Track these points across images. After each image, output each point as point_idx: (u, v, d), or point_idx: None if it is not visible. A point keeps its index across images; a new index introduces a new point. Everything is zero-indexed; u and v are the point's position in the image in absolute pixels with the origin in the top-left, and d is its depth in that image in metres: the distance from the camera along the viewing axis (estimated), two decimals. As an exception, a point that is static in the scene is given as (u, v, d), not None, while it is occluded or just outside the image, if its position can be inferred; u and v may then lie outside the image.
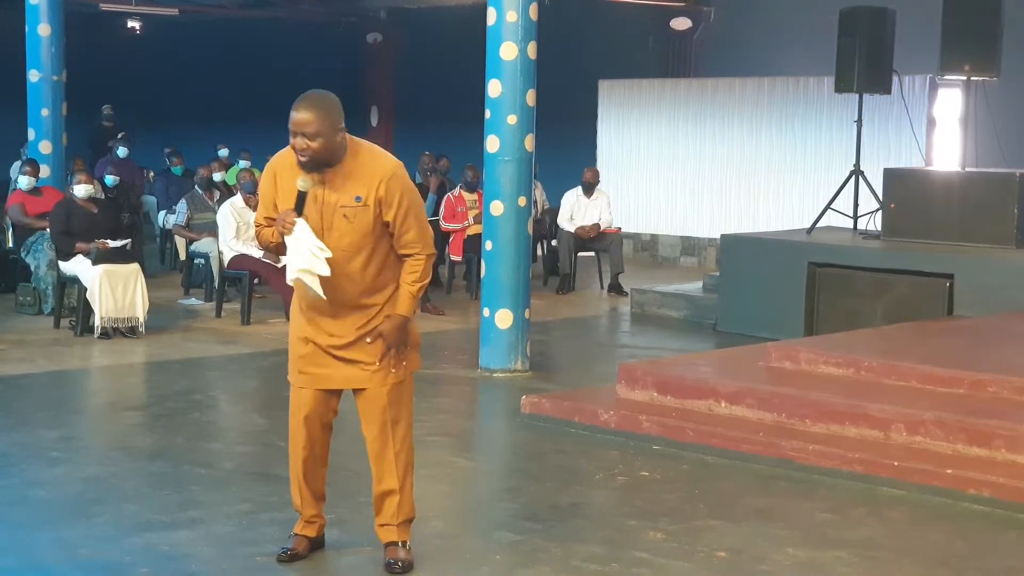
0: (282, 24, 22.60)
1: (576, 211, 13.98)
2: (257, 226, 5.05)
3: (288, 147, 4.84)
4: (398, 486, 5.03)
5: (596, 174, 14.27)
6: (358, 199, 4.79)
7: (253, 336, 10.63)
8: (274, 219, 4.89)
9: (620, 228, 14.51)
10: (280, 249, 4.93)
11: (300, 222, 4.76)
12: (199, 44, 24.42)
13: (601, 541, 5.52)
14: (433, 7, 20.71)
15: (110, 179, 13.92)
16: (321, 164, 4.77)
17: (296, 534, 5.21)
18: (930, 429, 6.59)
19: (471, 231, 13.13)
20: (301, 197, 4.77)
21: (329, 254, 4.76)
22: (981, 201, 10.57)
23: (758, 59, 17.29)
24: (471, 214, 13.22)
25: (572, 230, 13.84)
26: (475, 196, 13.15)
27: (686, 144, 16.73)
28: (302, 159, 4.76)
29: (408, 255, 4.93)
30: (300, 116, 4.72)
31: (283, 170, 4.90)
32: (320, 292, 4.82)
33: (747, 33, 17.69)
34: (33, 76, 12.75)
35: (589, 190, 14.02)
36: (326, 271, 4.76)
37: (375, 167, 4.83)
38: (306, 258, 4.76)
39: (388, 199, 4.81)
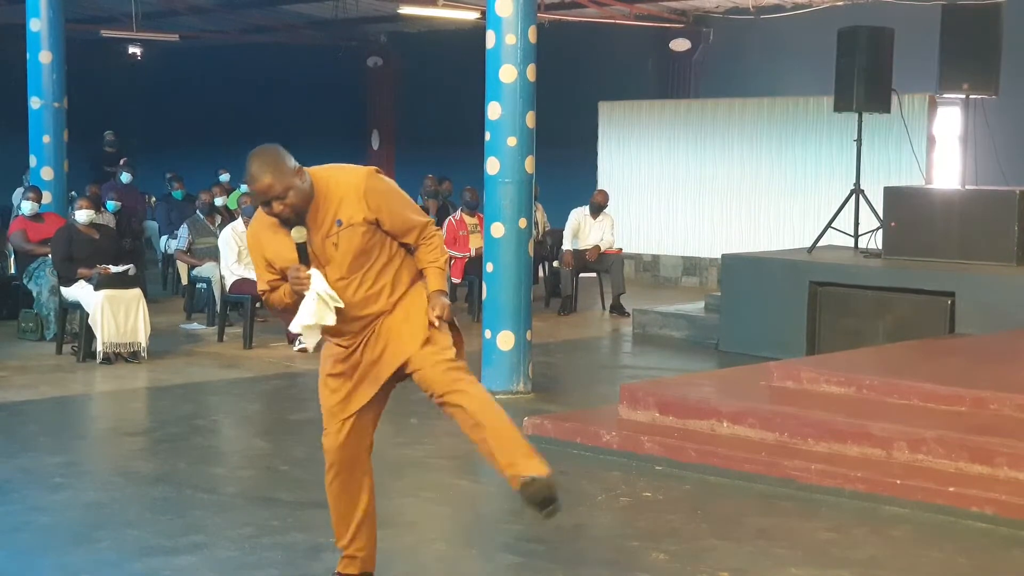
0: (283, 49, 22.67)
1: (581, 230, 14.01)
2: (262, 293, 4.87)
3: (256, 213, 4.71)
4: (497, 424, 5.01)
5: (606, 197, 14.25)
6: (339, 223, 4.65)
7: (255, 360, 10.64)
8: (278, 279, 4.75)
9: (621, 249, 14.51)
10: (296, 308, 4.74)
11: (314, 272, 4.63)
12: (200, 69, 24.52)
13: (604, 563, 5.52)
14: (433, 31, 20.79)
15: (112, 204, 13.97)
16: (302, 213, 4.61)
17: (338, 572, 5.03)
18: (932, 447, 6.59)
19: (472, 243, 13.18)
20: (302, 248, 4.63)
21: (340, 304, 4.65)
22: (981, 219, 10.58)
23: (757, 80, 17.36)
24: (472, 242, 13.20)
25: (572, 247, 13.85)
26: (476, 219, 13.17)
27: (687, 164, 16.77)
28: (284, 219, 4.59)
29: (418, 243, 4.82)
30: (261, 184, 4.51)
31: (263, 231, 4.73)
32: (314, 341, 4.76)
33: (746, 54, 17.75)
34: (35, 103, 12.78)
35: (597, 211, 14.04)
36: (332, 320, 4.65)
37: (343, 186, 4.67)
38: (312, 310, 4.63)
39: (373, 210, 4.67)
